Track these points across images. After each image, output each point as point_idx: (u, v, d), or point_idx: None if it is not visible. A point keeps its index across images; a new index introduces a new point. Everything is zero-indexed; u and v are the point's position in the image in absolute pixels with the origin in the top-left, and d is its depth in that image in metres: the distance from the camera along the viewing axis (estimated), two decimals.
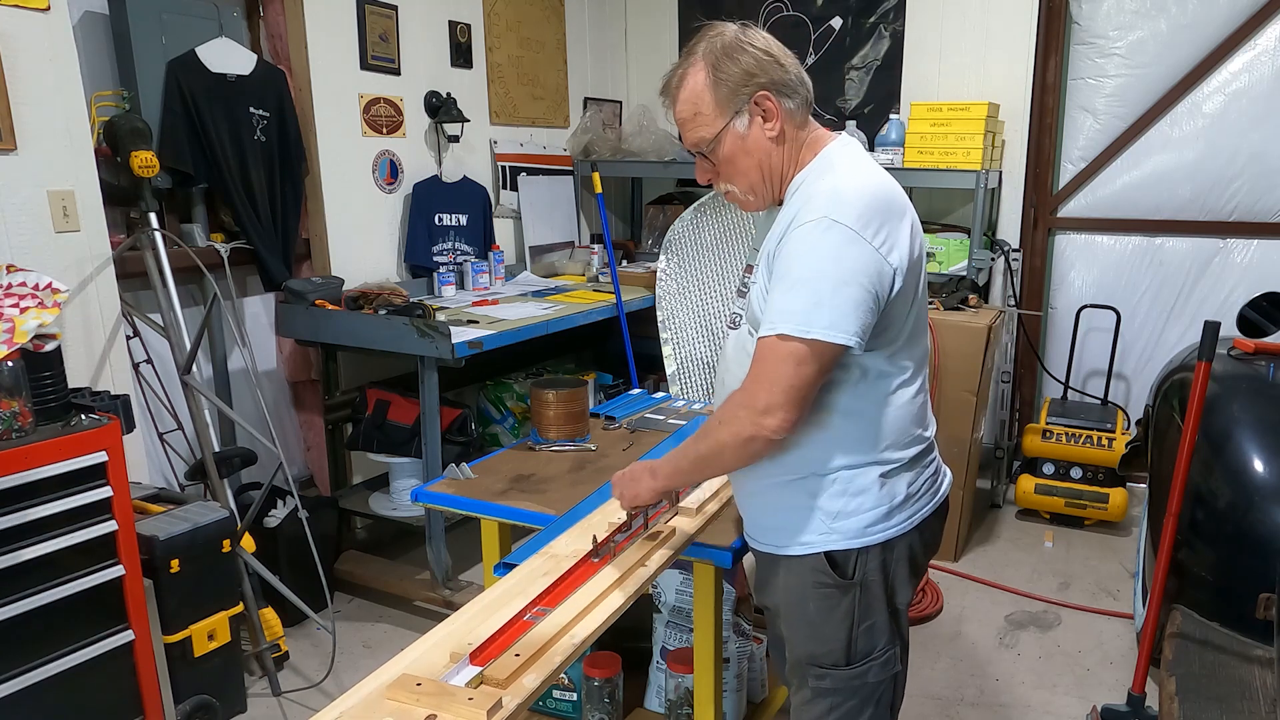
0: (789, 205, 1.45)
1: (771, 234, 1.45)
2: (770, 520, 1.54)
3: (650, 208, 4.80)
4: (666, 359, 2.97)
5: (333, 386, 3.38)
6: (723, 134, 1.43)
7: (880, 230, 1.35)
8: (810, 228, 1.34)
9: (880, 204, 1.37)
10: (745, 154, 1.44)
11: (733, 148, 1.44)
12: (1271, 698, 1.97)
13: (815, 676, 1.53)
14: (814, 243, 1.33)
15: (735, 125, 1.43)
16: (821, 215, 1.33)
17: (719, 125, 1.43)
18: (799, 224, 1.36)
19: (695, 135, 1.46)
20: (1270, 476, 2.29)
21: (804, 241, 1.34)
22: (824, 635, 1.50)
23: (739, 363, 1.48)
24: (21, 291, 2.08)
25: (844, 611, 1.49)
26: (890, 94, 4.27)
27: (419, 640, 1.32)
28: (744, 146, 1.44)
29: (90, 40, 2.69)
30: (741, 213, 3.07)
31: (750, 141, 1.44)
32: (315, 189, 3.31)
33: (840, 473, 1.46)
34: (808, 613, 1.51)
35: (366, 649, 2.95)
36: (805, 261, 1.34)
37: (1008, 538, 3.77)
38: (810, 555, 1.49)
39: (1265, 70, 3.71)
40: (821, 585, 1.48)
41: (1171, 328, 4.07)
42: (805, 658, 1.54)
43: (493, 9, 4.04)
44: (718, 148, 1.44)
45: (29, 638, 1.98)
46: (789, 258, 1.36)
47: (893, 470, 1.49)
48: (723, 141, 1.44)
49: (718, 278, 3.05)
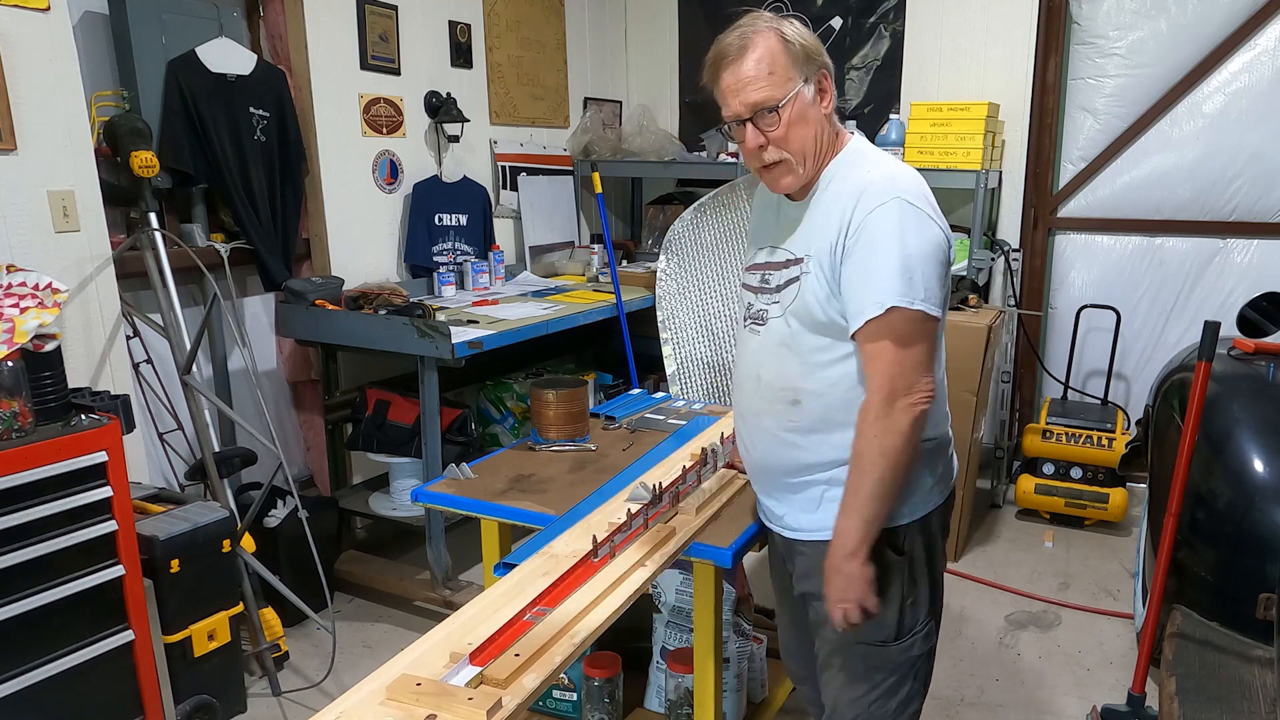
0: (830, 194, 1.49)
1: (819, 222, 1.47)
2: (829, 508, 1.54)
3: (650, 208, 4.80)
4: (666, 359, 2.97)
5: (333, 386, 3.38)
6: (794, 96, 1.44)
7: (936, 211, 1.45)
8: (888, 209, 1.39)
9: (926, 188, 1.47)
10: (804, 123, 1.46)
11: (798, 113, 1.46)
12: (1271, 698, 1.97)
13: (862, 656, 1.58)
14: (897, 222, 1.39)
15: (805, 91, 1.46)
16: (894, 197, 1.40)
17: (790, 88, 1.44)
18: (871, 207, 1.40)
19: (762, 94, 1.44)
20: (1270, 476, 2.29)
21: (887, 222, 1.39)
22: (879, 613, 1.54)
23: (779, 358, 1.52)
24: (21, 291, 2.09)
25: (896, 587, 1.56)
26: (890, 94, 4.27)
27: (419, 640, 1.32)
28: (805, 115, 1.46)
29: (90, 40, 2.69)
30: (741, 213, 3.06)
31: (811, 112, 1.47)
32: (315, 189, 3.31)
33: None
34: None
35: (366, 649, 2.95)
36: (892, 239, 1.39)
37: (1008, 538, 3.77)
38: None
39: (1265, 70, 3.71)
40: (878, 564, 1.52)
41: (1171, 328, 4.07)
42: (856, 637, 1.57)
43: (493, 9, 4.04)
44: (784, 110, 1.44)
45: (29, 638, 1.98)
46: (871, 237, 1.40)
47: (940, 444, 1.59)
48: (791, 104, 1.45)
49: (718, 278, 3.04)
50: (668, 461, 2.09)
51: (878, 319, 1.38)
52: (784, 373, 1.51)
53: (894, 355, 1.39)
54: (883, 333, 1.38)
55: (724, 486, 1.92)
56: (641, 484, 1.87)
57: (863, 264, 1.40)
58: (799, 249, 1.51)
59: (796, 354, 1.51)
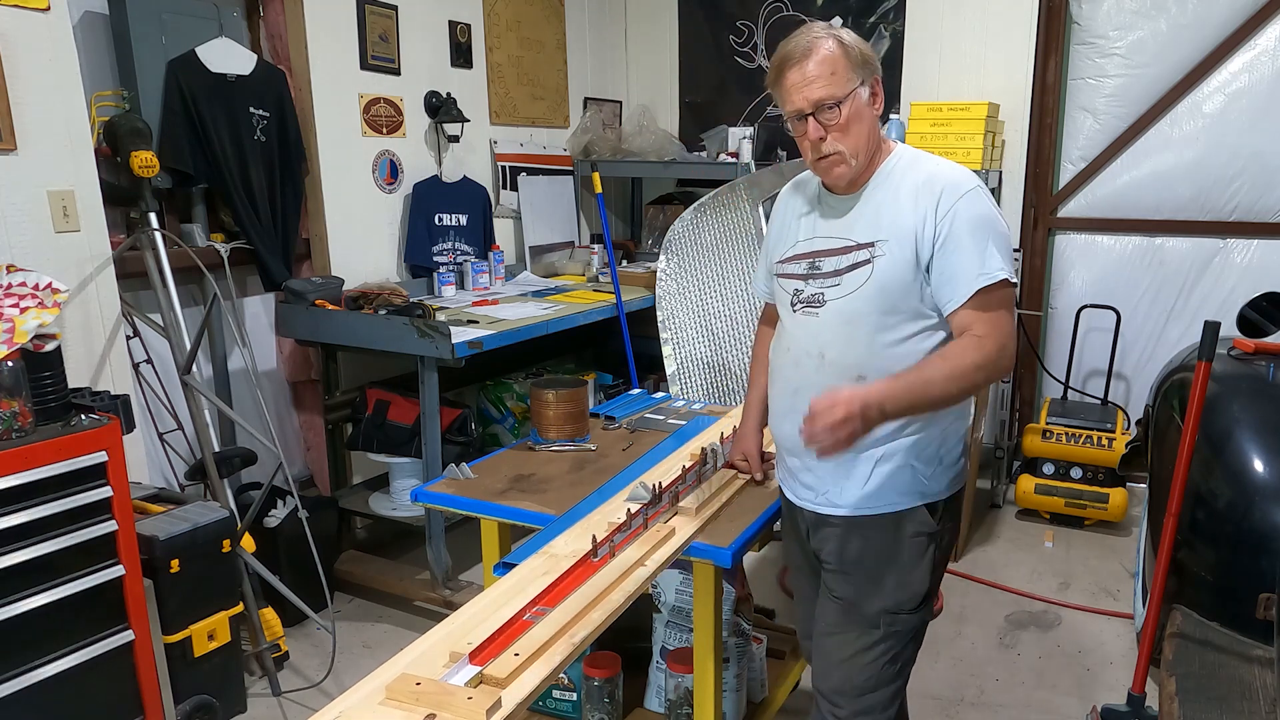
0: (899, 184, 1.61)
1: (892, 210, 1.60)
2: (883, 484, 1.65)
3: (650, 208, 4.80)
4: (666, 359, 2.97)
5: (333, 386, 3.38)
6: (852, 95, 1.59)
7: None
8: (974, 195, 1.57)
9: None
10: (860, 120, 1.60)
11: (856, 110, 1.60)
12: (1271, 698, 1.97)
13: (887, 623, 1.67)
14: (984, 207, 1.58)
15: (861, 92, 1.61)
16: (974, 185, 1.58)
17: (850, 87, 1.59)
18: (959, 193, 1.56)
19: (826, 91, 1.57)
20: (1270, 476, 2.29)
21: (977, 206, 1.56)
22: (910, 582, 1.67)
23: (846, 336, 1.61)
24: (21, 291, 2.09)
25: (930, 558, 1.68)
26: (890, 94, 4.26)
27: (418, 640, 1.32)
28: (860, 113, 1.61)
29: (90, 40, 2.69)
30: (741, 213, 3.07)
31: (866, 111, 1.62)
32: (315, 189, 3.31)
33: (947, 426, 1.66)
34: (900, 563, 1.66)
35: (366, 649, 2.95)
36: (987, 222, 1.56)
37: (1008, 538, 3.77)
38: (912, 510, 1.66)
39: (1265, 70, 3.71)
40: (918, 535, 1.66)
41: (1171, 328, 4.07)
42: (890, 606, 1.67)
43: (493, 9, 4.04)
44: (844, 106, 1.58)
45: (29, 638, 1.98)
46: (972, 220, 1.55)
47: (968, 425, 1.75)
48: (850, 101, 1.59)
49: (718, 278, 3.04)
50: (668, 461, 2.09)
51: (991, 289, 1.53)
52: (851, 351, 1.61)
53: (1006, 320, 1.55)
54: (995, 302, 1.54)
55: (724, 486, 1.92)
56: (641, 484, 1.87)
57: (967, 241, 1.55)
58: (863, 235, 1.62)
59: (864, 333, 1.60)
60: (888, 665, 1.69)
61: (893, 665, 1.70)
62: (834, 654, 1.73)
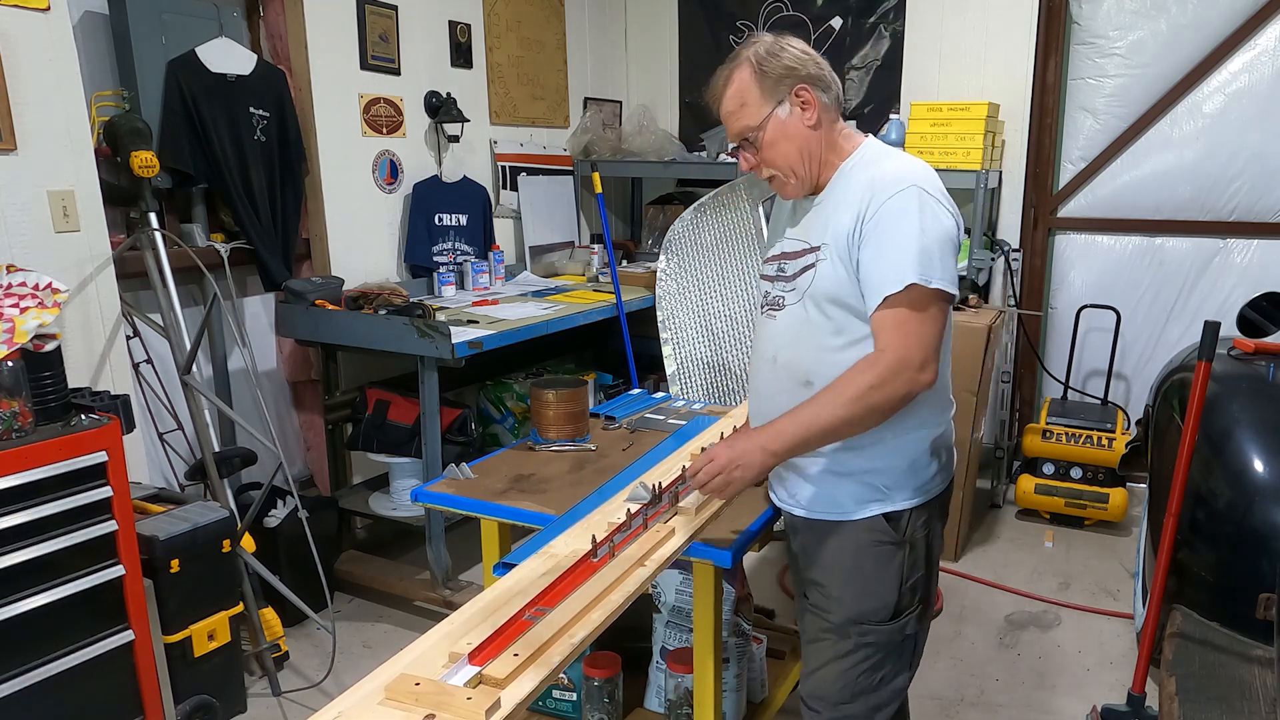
0: (842, 187, 1.57)
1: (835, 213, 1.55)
2: (835, 488, 1.63)
3: (650, 208, 4.80)
4: (666, 359, 2.97)
5: (333, 386, 3.38)
6: (766, 121, 1.56)
7: (951, 201, 1.54)
8: (905, 195, 1.48)
9: (939, 180, 1.55)
10: (786, 139, 1.57)
11: (775, 133, 1.57)
12: (1271, 698, 1.97)
13: (859, 633, 1.64)
14: (911, 208, 1.47)
15: (778, 113, 1.56)
16: (910, 184, 1.49)
17: (763, 113, 1.56)
18: (889, 194, 1.48)
19: (741, 124, 1.58)
20: (1270, 476, 2.29)
21: (902, 207, 1.48)
22: (876, 592, 1.62)
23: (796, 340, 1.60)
24: (21, 291, 2.09)
25: (895, 568, 1.62)
26: (890, 94, 4.27)
27: (418, 640, 1.32)
28: (785, 132, 1.57)
29: (90, 40, 2.69)
30: (741, 213, 3.07)
31: (791, 128, 1.57)
32: (315, 189, 3.31)
33: (907, 435, 1.60)
34: (863, 572, 1.62)
35: (366, 649, 2.95)
36: (909, 223, 1.47)
37: (1008, 538, 3.77)
38: (872, 518, 1.61)
39: (1265, 70, 3.71)
40: (879, 544, 1.61)
41: (1171, 328, 4.07)
42: (855, 616, 1.64)
43: (493, 9, 4.04)
44: (761, 134, 1.57)
45: (29, 638, 1.98)
46: (889, 222, 1.48)
47: (941, 433, 1.66)
48: (766, 128, 1.56)
49: (718, 278, 3.04)
50: (668, 461, 2.09)
51: (898, 294, 1.45)
52: (798, 355, 1.60)
53: (912, 327, 1.46)
54: (906, 311, 1.46)
55: None
56: (641, 484, 1.87)
57: (882, 245, 1.48)
58: (815, 238, 1.59)
59: (810, 338, 1.58)
60: (864, 676, 1.65)
61: (870, 676, 1.66)
62: (811, 660, 1.73)
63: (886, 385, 1.45)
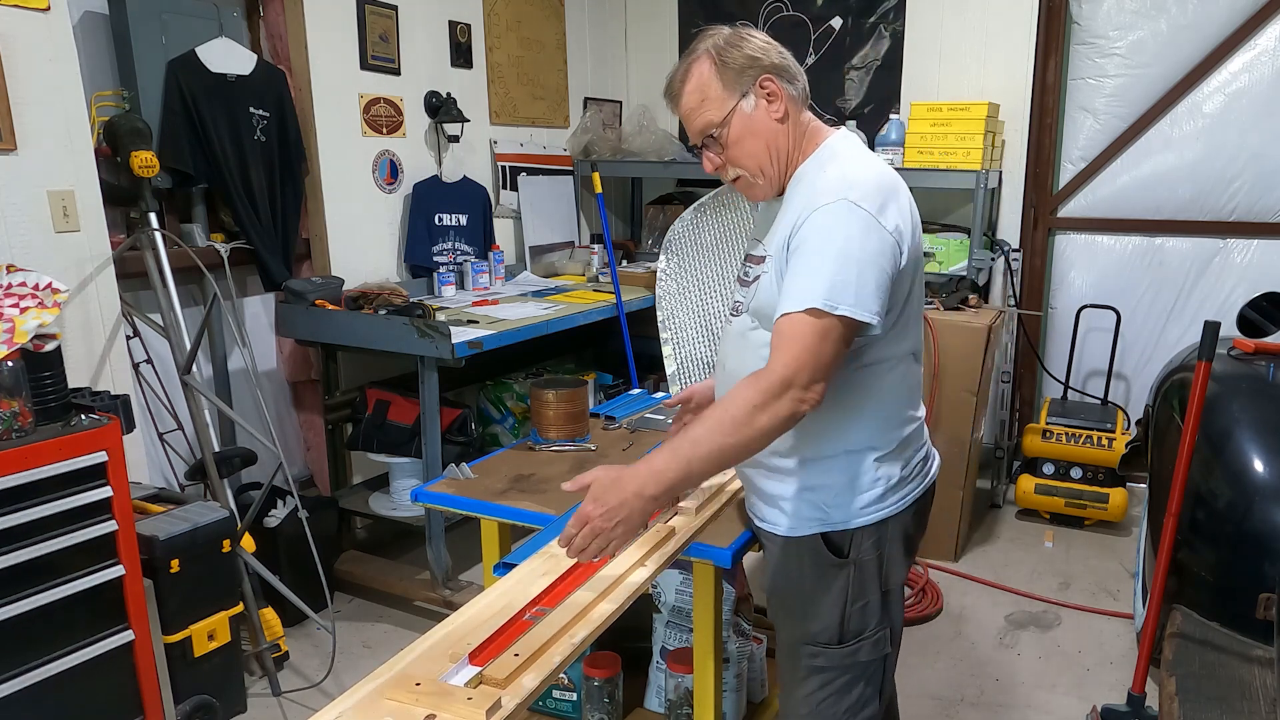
0: (796, 192, 1.48)
1: (781, 221, 1.46)
2: (777, 503, 1.57)
3: (650, 208, 4.80)
4: (666, 359, 2.97)
5: (333, 386, 3.38)
6: (730, 115, 1.45)
7: (891, 213, 1.38)
8: (830, 210, 1.36)
9: (887, 188, 1.40)
10: (753, 135, 1.46)
11: (740, 129, 1.46)
12: (1271, 698, 1.97)
13: (809, 655, 1.57)
14: (835, 224, 1.35)
15: (742, 106, 1.45)
16: (839, 198, 1.36)
17: (727, 107, 1.45)
18: (816, 206, 1.37)
19: (703, 120, 1.47)
20: (1270, 476, 2.29)
21: (825, 223, 1.36)
22: (818, 613, 1.54)
23: (739, 348, 1.52)
24: (21, 291, 2.09)
25: (838, 590, 1.53)
26: (890, 94, 4.26)
27: (418, 640, 1.32)
28: (751, 128, 1.46)
29: (90, 40, 2.69)
30: (741, 213, 3.06)
31: (757, 123, 1.46)
32: (315, 189, 3.31)
33: (841, 455, 1.50)
34: (803, 591, 1.56)
35: (366, 649, 2.95)
36: (828, 241, 1.35)
37: (1008, 538, 3.77)
38: (808, 536, 1.53)
39: (1265, 70, 3.71)
40: (818, 564, 1.53)
41: (1171, 328, 4.07)
42: (800, 636, 1.58)
43: (493, 9, 4.04)
44: (726, 130, 1.46)
45: (29, 638, 1.98)
46: (810, 238, 1.37)
47: (889, 452, 1.52)
48: (730, 123, 1.46)
49: (718, 278, 3.04)
50: None
51: (796, 314, 1.34)
52: (741, 364, 1.50)
53: (805, 345, 1.33)
54: (799, 325, 1.34)
55: (724, 486, 1.92)
56: None
57: (799, 258, 1.38)
58: (770, 244, 1.50)
59: (751, 348, 1.50)
60: (827, 703, 1.56)
61: (834, 704, 1.56)
62: (781, 685, 1.69)
63: (770, 406, 1.33)
